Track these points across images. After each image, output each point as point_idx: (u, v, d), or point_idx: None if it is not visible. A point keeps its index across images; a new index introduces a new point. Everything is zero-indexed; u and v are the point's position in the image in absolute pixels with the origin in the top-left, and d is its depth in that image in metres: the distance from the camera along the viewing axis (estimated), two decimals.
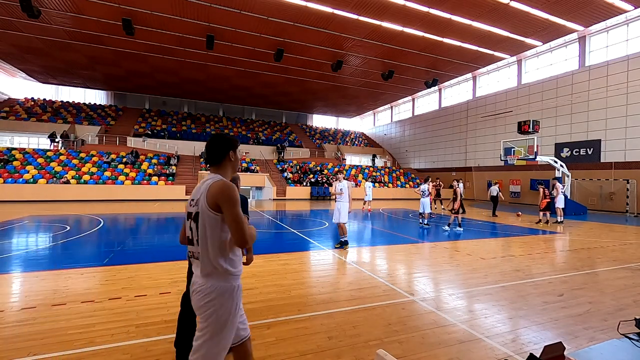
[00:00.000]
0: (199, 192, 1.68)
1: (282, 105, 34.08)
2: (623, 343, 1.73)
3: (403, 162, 34.28)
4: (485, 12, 14.09)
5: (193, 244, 1.71)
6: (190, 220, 1.70)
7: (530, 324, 3.37)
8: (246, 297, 3.91)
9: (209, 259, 1.64)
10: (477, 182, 25.33)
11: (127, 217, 11.76)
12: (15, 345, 2.73)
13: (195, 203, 1.69)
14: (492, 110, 24.12)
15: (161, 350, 2.70)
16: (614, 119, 17.19)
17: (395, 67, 20.78)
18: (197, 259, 1.70)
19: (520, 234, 9.40)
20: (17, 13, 14.29)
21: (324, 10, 14.20)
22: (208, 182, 1.68)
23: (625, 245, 7.79)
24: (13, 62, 22.20)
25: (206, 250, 1.64)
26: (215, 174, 1.74)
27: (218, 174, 1.75)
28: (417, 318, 3.45)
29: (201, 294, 1.65)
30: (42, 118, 24.58)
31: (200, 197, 1.65)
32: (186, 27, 15.88)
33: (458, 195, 9.81)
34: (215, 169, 1.79)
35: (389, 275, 5.04)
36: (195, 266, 1.72)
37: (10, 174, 17.25)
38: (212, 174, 1.75)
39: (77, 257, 5.90)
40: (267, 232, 9.35)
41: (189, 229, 1.73)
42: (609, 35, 17.92)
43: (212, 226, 1.63)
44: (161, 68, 22.42)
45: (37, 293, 3.96)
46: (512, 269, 5.44)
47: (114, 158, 20.96)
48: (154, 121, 29.24)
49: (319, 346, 2.81)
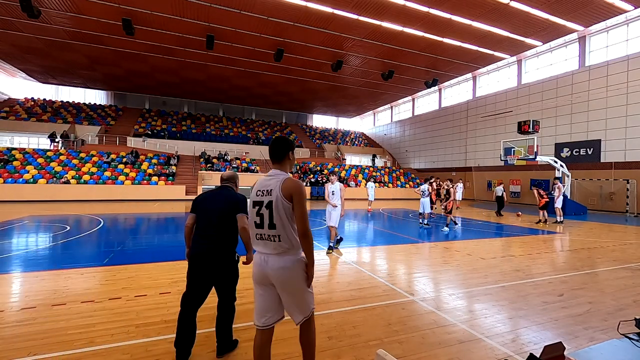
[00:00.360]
0: (269, 185, 2.04)
1: (282, 105, 34.08)
2: (623, 343, 1.73)
3: (403, 162, 34.28)
4: (485, 12, 14.08)
5: (263, 227, 2.04)
6: (262, 207, 2.04)
7: (530, 324, 3.36)
8: (246, 297, 3.91)
9: (288, 237, 2.01)
10: (477, 182, 25.33)
11: (127, 217, 11.76)
12: (15, 345, 2.73)
13: (267, 194, 2.03)
14: (492, 110, 24.11)
15: (161, 350, 2.70)
16: (614, 119, 17.18)
17: (395, 67, 20.78)
18: (266, 240, 2.04)
19: (520, 234, 9.40)
20: (17, 13, 14.28)
21: (324, 10, 14.20)
22: (279, 177, 2.05)
23: (625, 245, 7.78)
24: (13, 62, 22.19)
25: (284, 231, 2.00)
26: (279, 170, 2.12)
27: (280, 169, 2.13)
28: (417, 318, 3.44)
29: (280, 265, 2.01)
30: (42, 118, 24.58)
31: (274, 189, 2.01)
32: (186, 27, 15.88)
33: (452, 195, 9.82)
34: (278, 165, 2.16)
35: (389, 275, 5.04)
36: (264, 245, 2.07)
37: (10, 174, 17.25)
38: (276, 170, 2.12)
39: (77, 257, 5.91)
40: None
41: (258, 215, 2.05)
42: (609, 35, 17.92)
43: (286, 213, 2.00)
44: (161, 68, 22.42)
45: (37, 293, 3.96)
46: (512, 269, 5.44)
47: (114, 158, 20.96)
48: (154, 121, 29.24)
49: (319, 346, 2.80)
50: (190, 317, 2.57)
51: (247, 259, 2.72)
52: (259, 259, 2.10)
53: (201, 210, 2.69)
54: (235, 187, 2.94)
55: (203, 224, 2.65)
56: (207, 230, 2.62)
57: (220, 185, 2.92)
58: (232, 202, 2.68)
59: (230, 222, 2.64)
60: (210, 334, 2.89)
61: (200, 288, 2.62)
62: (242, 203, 2.71)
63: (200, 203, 2.73)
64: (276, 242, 2.02)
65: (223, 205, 2.66)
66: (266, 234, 2.03)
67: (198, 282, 2.61)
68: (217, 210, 2.64)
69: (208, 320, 3.11)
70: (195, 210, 2.72)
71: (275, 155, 2.16)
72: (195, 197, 2.86)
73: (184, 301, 2.61)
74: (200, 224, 2.66)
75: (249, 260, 2.71)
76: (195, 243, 2.64)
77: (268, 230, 2.02)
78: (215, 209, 2.65)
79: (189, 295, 2.61)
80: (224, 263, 2.63)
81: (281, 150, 2.14)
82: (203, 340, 2.83)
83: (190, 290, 2.62)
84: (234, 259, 2.71)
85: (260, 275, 2.08)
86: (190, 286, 2.62)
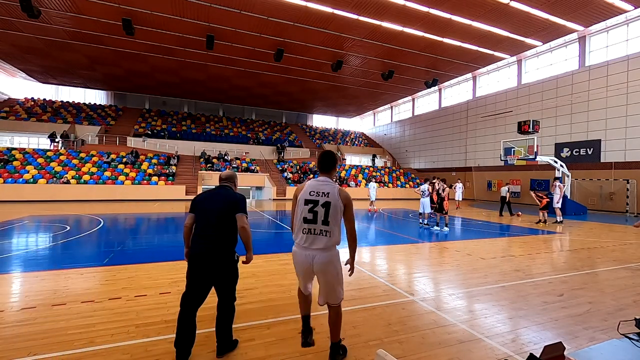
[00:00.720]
0: (325, 189, 2.43)
1: (282, 105, 34.08)
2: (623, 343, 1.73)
3: (403, 162, 34.28)
4: (485, 12, 14.08)
5: (316, 222, 2.40)
6: (316, 205, 2.40)
7: (530, 324, 3.37)
8: (246, 297, 3.92)
9: (335, 234, 2.41)
10: (477, 182, 25.33)
11: (127, 217, 11.76)
12: (15, 345, 2.73)
13: (323, 195, 2.41)
14: (492, 110, 24.11)
15: (161, 350, 2.70)
16: (614, 119, 17.18)
17: (395, 67, 20.78)
18: (317, 234, 2.41)
19: (520, 234, 9.40)
20: (17, 13, 14.28)
21: (324, 10, 14.20)
22: (332, 185, 2.47)
23: (625, 245, 7.78)
24: (13, 62, 22.19)
25: (334, 227, 2.40)
26: (328, 178, 2.52)
27: (329, 177, 2.54)
28: (417, 318, 3.45)
29: (326, 260, 2.41)
30: (42, 118, 24.58)
31: (332, 193, 2.41)
32: (186, 27, 15.88)
33: (445, 195, 9.80)
34: (327, 174, 2.55)
35: (389, 275, 5.04)
36: (312, 240, 2.42)
37: (10, 174, 17.26)
38: (326, 178, 2.52)
39: (77, 257, 5.91)
40: (267, 232, 9.36)
41: (311, 212, 2.41)
42: (609, 35, 17.92)
43: (339, 214, 2.41)
44: (161, 68, 22.42)
45: (37, 293, 3.96)
46: (512, 269, 5.44)
47: (114, 158, 20.97)
48: (154, 121, 29.24)
49: (319, 346, 2.80)
50: (190, 317, 2.57)
51: (247, 259, 2.71)
52: (304, 256, 2.45)
53: (200, 210, 2.69)
54: (234, 186, 2.93)
55: (202, 224, 2.64)
56: (206, 230, 2.61)
57: (219, 185, 2.92)
58: (231, 201, 2.68)
59: (230, 222, 2.63)
60: (210, 334, 2.89)
61: (200, 288, 2.62)
62: (242, 202, 2.70)
63: (199, 203, 2.72)
64: (327, 237, 2.40)
65: (222, 205, 2.66)
66: (318, 229, 2.40)
67: (197, 282, 2.61)
68: (215, 210, 2.64)
69: (208, 320, 3.11)
70: (194, 210, 2.71)
71: (325, 166, 2.55)
72: (194, 197, 2.85)
73: (183, 301, 2.60)
74: (199, 224, 2.65)
75: (249, 260, 2.71)
76: (194, 243, 2.64)
77: (321, 225, 2.39)
78: (214, 209, 2.65)
79: (188, 296, 2.60)
80: (223, 263, 2.62)
81: (331, 163, 2.56)
82: (203, 340, 2.83)
83: (189, 291, 2.61)
84: (233, 259, 2.70)
85: (305, 270, 2.51)
86: (189, 286, 2.62)
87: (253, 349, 2.75)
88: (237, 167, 23.66)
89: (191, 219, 2.70)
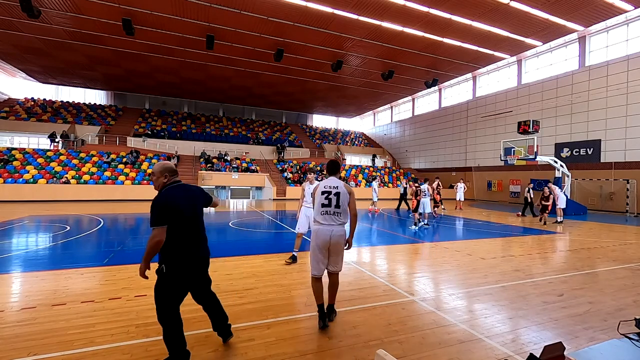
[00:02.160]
0: (335, 183, 3.30)
1: (282, 105, 34.07)
2: (623, 343, 1.73)
3: (403, 162, 34.28)
4: (485, 12, 14.08)
5: (331, 206, 3.23)
6: (330, 194, 3.25)
7: (530, 324, 3.37)
8: (246, 297, 3.92)
9: (344, 214, 3.29)
10: (477, 182, 25.33)
11: (127, 217, 11.76)
12: (15, 345, 2.73)
13: (334, 188, 3.27)
14: (492, 110, 24.11)
15: (161, 350, 2.69)
16: (614, 119, 17.18)
17: (395, 67, 20.77)
18: (332, 215, 3.24)
19: (520, 234, 9.40)
20: (17, 13, 14.28)
21: (324, 10, 14.19)
22: (340, 182, 3.33)
23: (625, 245, 7.78)
24: (13, 62, 22.18)
25: (345, 211, 3.29)
26: (336, 178, 3.39)
27: (336, 177, 3.40)
28: (417, 318, 3.45)
29: (340, 233, 3.25)
30: (42, 118, 24.57)
31: (340, 187, 3.27)
32: (186, 27, 15.88)
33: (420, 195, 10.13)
34: (334, 175, 3.42)
35: (389, 275, 5.04)
36: (329, 219, 3.23)
37: (10, 174, 17.25)
38: (334, 177, 3.38)
39: (77, 257, 5.91)
40: (267, 232, 9.36)
41: (327, 199, 3.25)
42: (609, 35, 17.92)
43: (346, 200, 3.27)
44: (161, 68, 22.41)
45: (37, 293, 3.96)
46: (512, 269, 5.44)
47: (114, 158, 20.96)
48: (154, 121, 29.23)
49: (319, 346, 2.81)
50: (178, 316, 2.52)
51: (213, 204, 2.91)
52: (326, 230, 3.20)
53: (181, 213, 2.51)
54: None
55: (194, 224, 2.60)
56: (203, 231, 2.69)
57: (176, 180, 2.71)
58: (204, 194, 2.77)
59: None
60: (210, 334, 2.89)
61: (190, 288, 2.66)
62: (206, 195, 2.79)
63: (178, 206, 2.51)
64: (339, 217, 3.25)
65: (203, 200, 2.74)
66: (332, 210, 3.24)
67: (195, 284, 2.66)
68: (199, 206, 2.71)
69: (208, 320, 3.11)
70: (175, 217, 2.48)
71: (332, 170, 3.45)
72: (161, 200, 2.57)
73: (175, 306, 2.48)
74: (193, 226, 2.58)
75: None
76: (200, 246, 2.65)
77: (335, 208, 3.23)
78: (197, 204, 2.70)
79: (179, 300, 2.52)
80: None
81: (336, 168, 3.46)
82: (203, 340, 2.84)
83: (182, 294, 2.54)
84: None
85: (324, 243, 3.20)
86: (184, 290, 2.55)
87: (253, 349, 2.75)
88: (237, 167, 23.65)
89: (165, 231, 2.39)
